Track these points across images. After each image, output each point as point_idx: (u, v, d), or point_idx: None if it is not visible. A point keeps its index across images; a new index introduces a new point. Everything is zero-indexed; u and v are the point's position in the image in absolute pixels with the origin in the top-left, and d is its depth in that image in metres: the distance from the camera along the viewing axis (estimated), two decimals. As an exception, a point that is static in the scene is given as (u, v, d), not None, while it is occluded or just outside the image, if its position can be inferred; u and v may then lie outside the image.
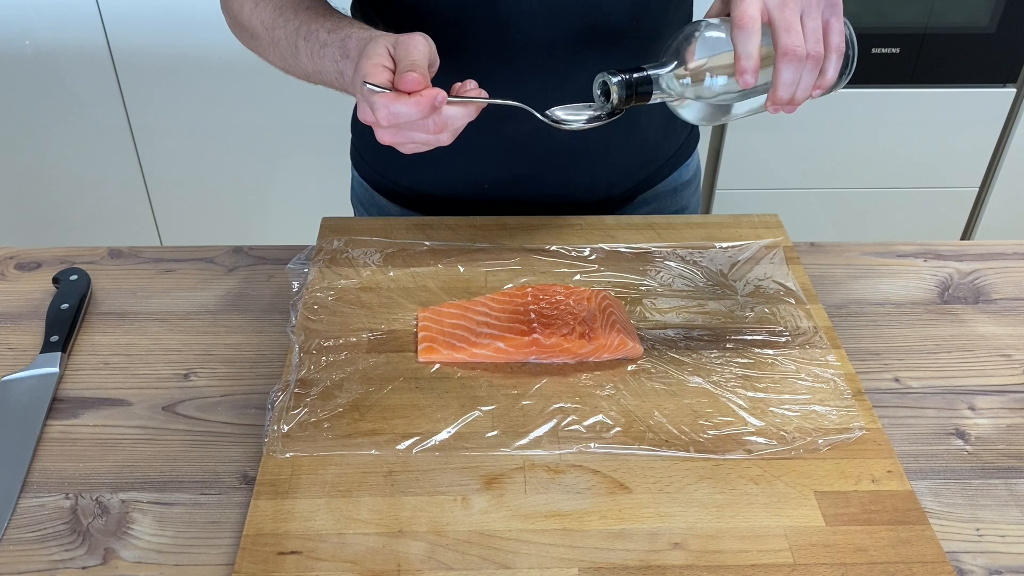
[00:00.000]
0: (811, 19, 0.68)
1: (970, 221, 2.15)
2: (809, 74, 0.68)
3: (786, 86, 0.67)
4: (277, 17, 0.84)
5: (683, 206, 1.10)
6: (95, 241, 1.23)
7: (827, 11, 0.69)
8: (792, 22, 0.66)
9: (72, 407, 0.76)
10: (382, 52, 0.69)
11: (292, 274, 0.89)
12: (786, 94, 0.67)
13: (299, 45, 0.82)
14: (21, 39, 1.84)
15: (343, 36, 0.77)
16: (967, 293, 0.90)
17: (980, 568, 0.64)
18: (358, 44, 0.75)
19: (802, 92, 0.68)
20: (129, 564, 0.64)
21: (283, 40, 0.84)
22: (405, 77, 0.66)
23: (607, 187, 1.02)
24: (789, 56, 0.65)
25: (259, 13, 0.86)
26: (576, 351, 0.78)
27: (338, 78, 0.79)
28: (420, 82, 0.66)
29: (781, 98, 0.67)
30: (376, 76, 0.67)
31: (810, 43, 0.67)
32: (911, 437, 0.75)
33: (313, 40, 0.80)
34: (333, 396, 0.75)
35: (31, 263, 0.92)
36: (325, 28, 0.80)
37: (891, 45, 1.87)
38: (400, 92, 0.66)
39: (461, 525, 0.65)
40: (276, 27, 0.84)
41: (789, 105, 0.68)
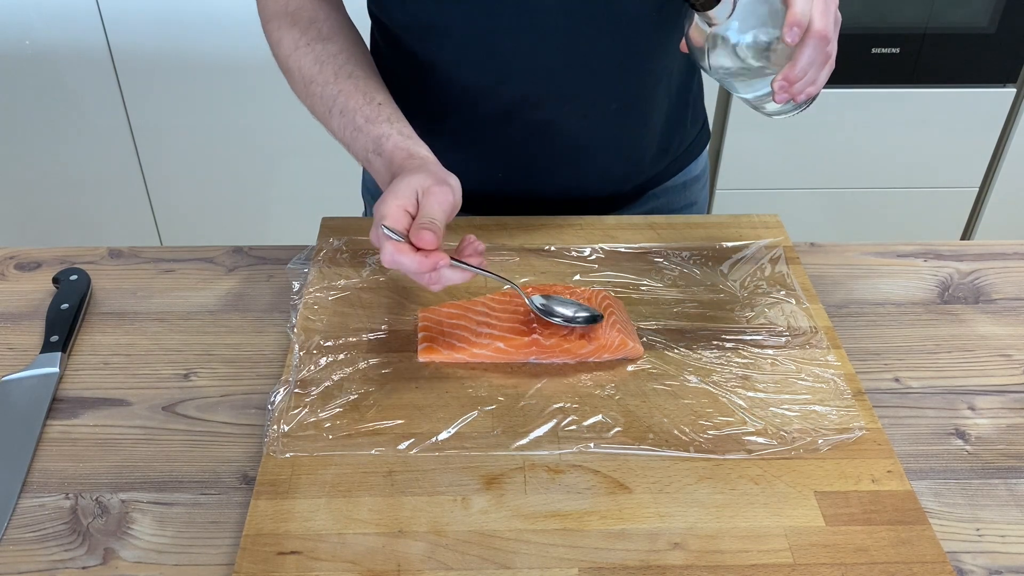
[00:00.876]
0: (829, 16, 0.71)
1: (970, 221, 2.15)
2: (816, 69, 0.71)
3: (803, 64, 0.70)
4: (317, 74, 0.85)
5: (692, 201, 1.11)
6: (95, 241, 1.23)
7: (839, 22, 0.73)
8: (825, 12, 0.70)
9: (72, 407, 0.76)
10: (410, 196, 0.72)
11: (292, 274, 0.89)
12: (801, 71, 0.70)
13: (333, 113, 0.84)
14: (21, 39, 1.84)
15: (380, 133, 0.80)
16: (967, 293, 0.90)
17: (980, 568, 0.64)
18: (393, 151, 0.78)
19: (804, 82, 0.71)
20: (129, 564, 0.64)
21: (318, 100, 0.85)
22: (421, 235, 0.69)
23: (620, 181, 1.02)
24: (819, 37, 0.69)
25: (298, 59, 0.87)
26: (576, 351, 0.78)
27: (365, 163, 0.82)
28: (433, 243, 0.69)
29: (796, 74, 0.70)
30: (397, 222, 0.70)
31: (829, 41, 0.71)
32: (911, 437, 0.75)
33: (348, 120, 0.82)
34: (333, 396, 0.75)
35: (31, 263, 0.92)
36: (363, 115, 0.82)
37: (891, 45, 1.87)
38: (410, 244, 0.69)
39: (461, 525, 0.65)
40: (314, 83, 0.85)
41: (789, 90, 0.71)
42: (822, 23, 0.69)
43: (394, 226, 0.69)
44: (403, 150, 0.78)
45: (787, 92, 0.71)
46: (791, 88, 0.71)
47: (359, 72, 0.85)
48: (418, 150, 0.79)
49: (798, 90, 0.71)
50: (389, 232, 0.69)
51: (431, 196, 0.72)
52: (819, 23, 0.69)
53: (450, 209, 0.72)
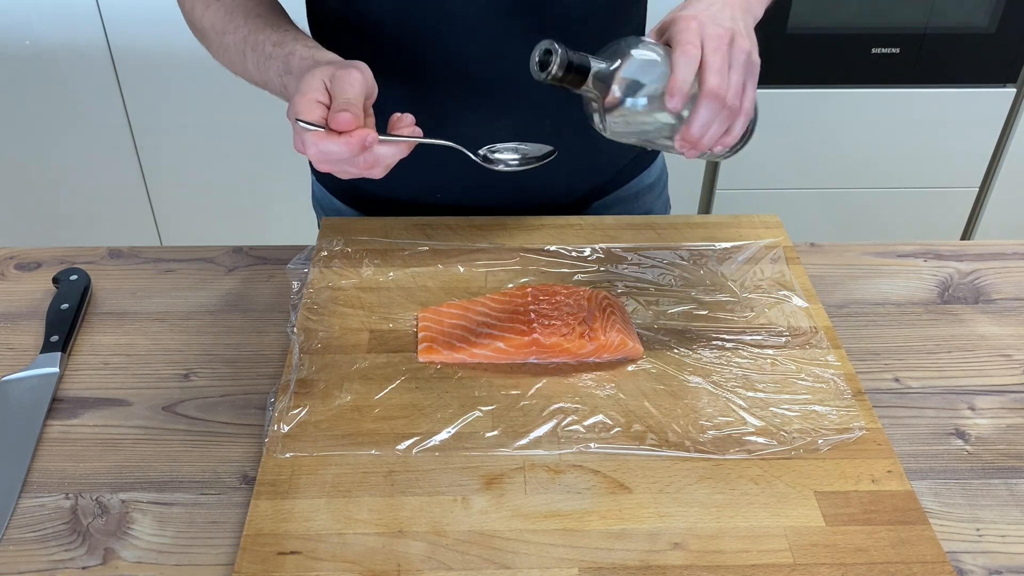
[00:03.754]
0: (735, 74, 0.69)
1: (970, 221, 2.15)
2: (720, 124, 0.69)
3: (700, 125, 0.68)
4: (228, 23, 0.85)
5: (646, 210, 1.09)
6: (95, 241, 1.23)
7: (747, 74, 0.71)
8: (722, 68, 0.68)
9: (72, 407, 0.76)
10: (318, 87, 0.69)
11: (292, 274, 0.89)
12: (697, 132, 0.69)
13: (247, 53, 0.83)
14: (21, 39, 1.84)
15: (287, 52, 0.78)
16: (967, 293, 0.90)
17: (980, 568, 0.64)
18: (300, 63, 0.76)
19: (709, 138, 0.70)
20: (129, 564, 0.64)
21: (232, 47, 0.85)
22: (337, 117, 0.66)
23: (564, 192, 1.01)
24: (712, 97, 0.68)
25: (209, 16, 0.87)
26: (576, 351, 0.78)
27: (282, 91, 0.80)
28: (352, 122, 0.66)
29: (692, 135, 0.69)
30: (309, 113, 0.67)
31: (730, 95, 0.69)
32: (911, 437, 0.75)
33: (259, 51, 0.81)
34: (333, 396, 0.75)
35: (31, 263, 0.92)
36: (271, 40, 0.81)
37: (891, 45, 1.87)
38: (331, 131, 0.67)
39: (461, 525, 0.65)
40: (226, 32, 0.85)
41: (694, 149, 0.70)
42: (715, 81, 0.67)
43: (309, 118, 0.67)
44: (309, 59, 0.76)
45: (693, 149, 0.70)
46: (697, 146, 0.70)
47: (267, 12, 0.84)
48: (323, 55, 0.76)
49: (705, 146, 0.70)
50: (306, 125, 0.66)
51: (339, 80, 0.69)
52: (711, 82, 0.67)
53: (363, 88, 0.70)
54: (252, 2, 0.86)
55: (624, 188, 1.06)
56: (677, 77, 0.66)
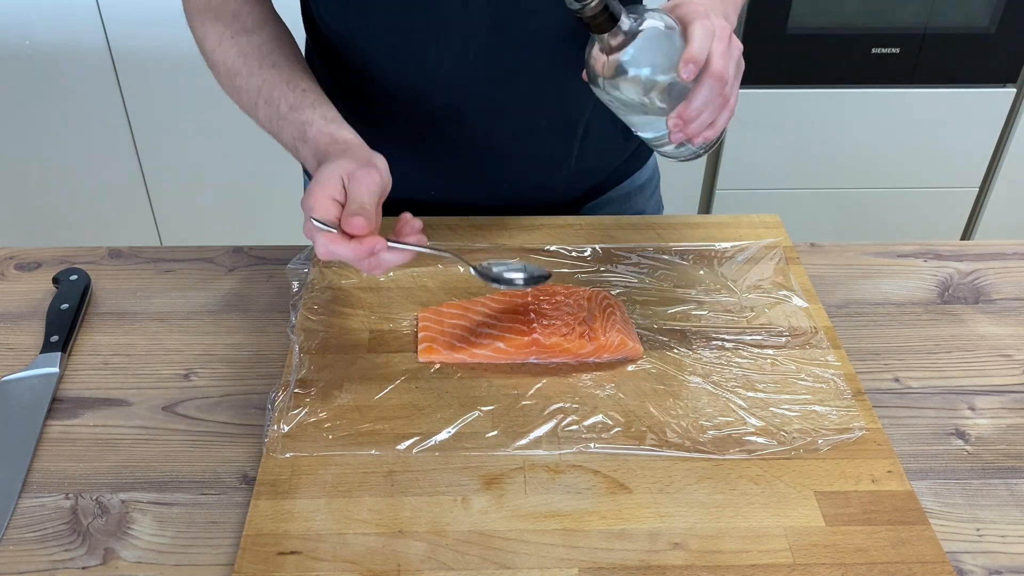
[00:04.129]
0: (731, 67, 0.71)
1: (970, 221, 2.15)
2: (712, 111, 0.71)
3: (698, 103, 0.70)
4: (241, 65, 0.84)
5: (638, 211, 1.09)
6: (95, 241, 1.23)
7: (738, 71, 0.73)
8: (725, 55, 0.70)
9: (72, 407, 0.76)
10: (335, 185, 0.70)
11: (292, 274, 0.89)
12: (694, 112, 0.70)
13: (259, 104, 0.83)
14: (21, 39, 1.84)
15: (303, 120, 0.79)
16: (967, 293, 0.90)
17: (980, 568, 0.64)
18: (317, 137, 0.77)
19: (699, 123, 0.71)
20: (129, 564, 0.64)
21: (244, 92, 0.84)
22: (351, 222, 0.67)
23: (561, 192, 1.01)
24: (715, 77, 0.69)
25: (221, 54, 0.86)
26: (576, 351, 0.78)
27: (294, 152, 0.81)
28: (364, 228, 0.67)
29: (689, 112, 0.70)
30: (324, 212, 0.68)
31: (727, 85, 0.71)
32: (911, 437, 0.75)
33: (272, 108, 0.81)
34: (333, 396, 0.75)
35: (31, 263, 0.92)
36: (287, 101, 0.80)
37: (891, 45, 1.87)
38: (343, 233, 0.68)
39: (461, 525, 0.65)
40: (239, 76, 0.84)
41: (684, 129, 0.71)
42: (720, 64, 0.69)
43: (323, 217, 0.68)
44: (327, 135, 0.77)
45: (682, 132, 0.71)
46: (686, 128, 0.70)
47: (283, 62, 0.84)
48: (341, 133, 0.77)
49: (693, 131, 0.71)
50: (319, 224, 0.67)
51: (357, 181, 0.70)
52: (717, 64, 0.69)
53: (378, 190, 0.71)
54: (267, 48, 0.85)
55: (616, 188, 1.06)
56: (693, 47, 0.68)
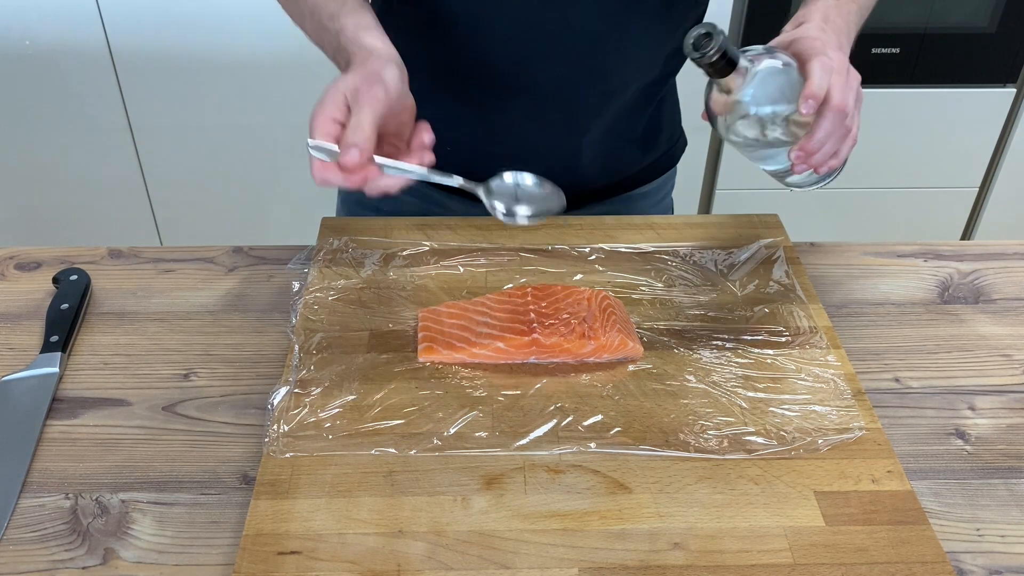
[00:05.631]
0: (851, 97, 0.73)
1: (970, 221, 2.15)
2: (835, 142, 0.72)
3: (821, 136, 0.71)
4: None
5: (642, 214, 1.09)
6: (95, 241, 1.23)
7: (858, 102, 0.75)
8: (845, 88, 0.71)
9: (72, 407, 0.76)
10: (338, 102, 0.69)
11: (292, 274, 0.89)
12: (817, 144, 0.71)
13: (305, 16, 0.83)
14: (21, 39, 1.84)
15: (338, 29, 0.78)
16: (967, 293, 0.90)
17: (980, 568, 0.64)
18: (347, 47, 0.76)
19: (823, 154, 0.72)
20: (129, 564, 0.64)
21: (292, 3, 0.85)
22: (345, 156, 0.66)
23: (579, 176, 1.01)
24: (837, 109, 0.71)
25: None
26: (576, 351, 0.78)
27: (337, 64, 0.80)
28: (355, 164, 0.66)
29: (812, 145, 0.71)
30: (324, 133, 0.67)
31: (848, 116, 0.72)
32: (911, 437, 0.75)
33: (316, 20, 0.81)
34: (333, 396, 0.75)
35: (31, 263, 0.92)
36: (327, 11, 0.80)
37: (891, 45, 1.87)
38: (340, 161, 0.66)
39: (461, 525, 0.65)
40: None
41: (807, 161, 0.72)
42: (840, 97, 0.70)
43: (323, 139, 0.66)
44: (355, 42, 0.75)
45: (805, 163, 0.72)
46: (809, 160, 0.72)
47: None
48: (368, 40, 0.75)
49: (817, 162, 0.72)
50: (314, 152, 0.66)
51: (360, 98, 0.68)
52: (837, 97, 0.70)
53: (382, 108, 0.69)
54: None
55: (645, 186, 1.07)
56: (813, 82, 0.70)
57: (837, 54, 0.73)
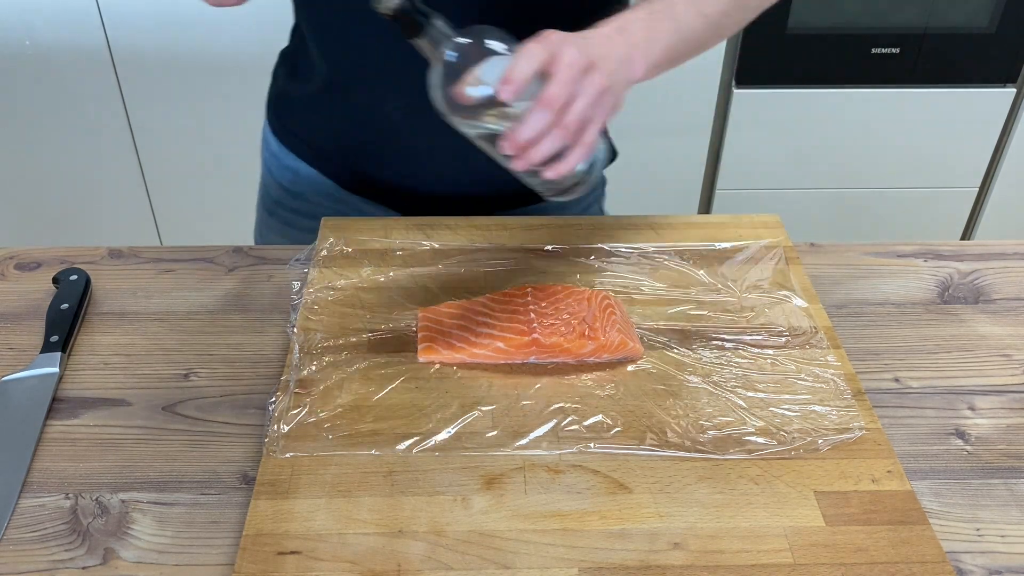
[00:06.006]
0: (581, 102, 0.68)
1: (970, 221, 2.15)
2: (553, 141, 0.67)
3: (528, 129, 0.66)
4: None
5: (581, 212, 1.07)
6: (95, 241, 1.23)
7: (596, 108, 0.69)
8: (565, 85, 0.67)
9: (72, 407, 0.76)
10: None
11: (292, 274, 0.89)
12: (522, 137, 0.67)
13: None
14: (21, 39, 1.84)
15: None
16: (967, 293, 0.90)
17: (980, 568, 0.64)
18: None
19: (539, 153, 0.68)
20: (129, 564, 0.64)
21: None
22: None
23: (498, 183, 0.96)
24: (546, 104, 0.66)
25: None
26: (576, 351, 0.78)
27: None
28: None
29: (516, 138, 0.67)
30: None
31: (570, 117, 0.67)
32: (911, 437, 0.75)
33: None
34: (333, 396, 0.75)
35: (31, 263, 0.92)
36: None
37: (891, 45, 1.87)
38: None
39: (461, 525, 0.65)
40: None
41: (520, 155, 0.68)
42: (555, 91, 0.66)
43: None
44: None
45: (517, 155, 0.68)
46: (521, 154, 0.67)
47: None
48: None
49: (534, 160, 0.68)
50: None
51: None
52: (550, 91, 0.66)
53: None
54: None
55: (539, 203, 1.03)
56: (513, 67, 0.66)
57: (573, 52, 0.67)
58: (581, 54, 0.68)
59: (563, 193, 0.76)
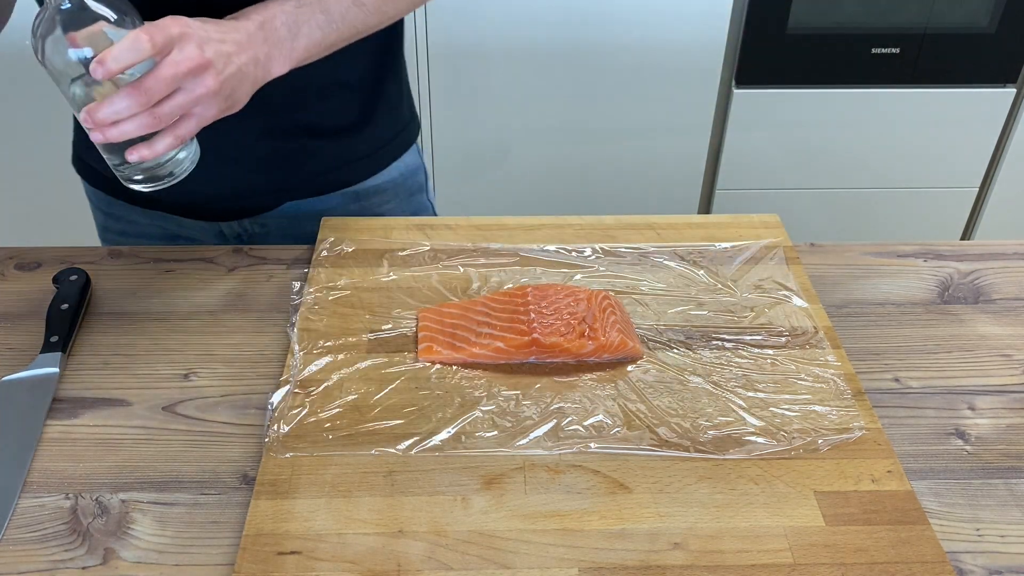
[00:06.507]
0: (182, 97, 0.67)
1: (970, 221, 2.15)
2: (137, 124, 0.66)
3: (109, 111, 0.65)
4: None
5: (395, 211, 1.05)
6: (95, 241, 1.24)
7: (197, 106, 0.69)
8: (164, 79, 0.66)
9: (72, 407, 0.76)
10: None
11: (292, 274, 0.89)
12: (103, 115, 0.66)
13: None
14: (21, 39, 1.84)
15: None
16: (967, 293, 0.90)
17: (980, 568, 0.64)
18: None
19: (118, 132, 0.66)
20: (129, 564, 0.64)
21: None
22: None
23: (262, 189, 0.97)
24: (133, 92, 0.65)
25: None
26: (576, 351, 0.78)
27: None
28: None
29: (97, 113, 0.65)
30: None
31: (164, 108, 0.67)
32: (911, 437, 0.75)
33: None
34: (333, 396, 0.75)
35: (31, 263, 0.92)
36: None
37: (891, 45, 1.87)
38: None
39: (461, 525, 0.65)
40: None
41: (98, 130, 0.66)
42: (152, 84, 0.65)
43: None
44: None
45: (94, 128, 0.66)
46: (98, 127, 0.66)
47: None
48: None
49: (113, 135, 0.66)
50: None
51: None
52: (149, 82, 0.65)
53: None
54: None
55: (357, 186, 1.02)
56: (110, 50, 0.64)
57: (192, 50, 0.66)
58: (200, 52, 0.67)
59: (147, 181, 0.73)
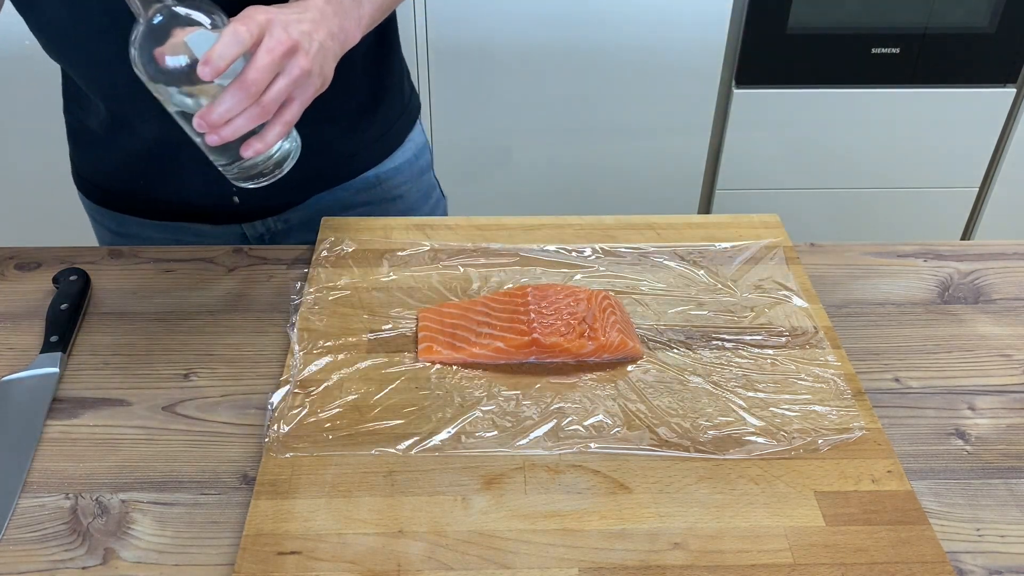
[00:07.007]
0: (283, 81, 0.68)
1: (970, 221, 2.15)
2: (248, 119, 0.68)
3: (222, 110, 0.67)
4: None
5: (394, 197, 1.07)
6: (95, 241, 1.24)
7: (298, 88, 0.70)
8: (266, 67, 0.67)
9: (72, 407, 0.76)
10: None
11: (292, 274, 0.89)
12: (216, 116, 0.67)
13: None
14: (21, 39, 1.84)
15: None
16: (967, 293, 0.90)
17: (980, 568, 0.64)
18: None
19: (233, 130, 0.68)
20: (129, 564, 0.64)
21: None
22: None
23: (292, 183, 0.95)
24: (241, 86, 0.66)
25: None
26: (576, 351, 0.78)
27: None
28: None
29: (210, 116, 0.67)
30: None
31: (268, 96, 0.68)
32: (911, 437, 0.75)
33: None
34: (333, 396, 0.75)
35: (31, 263, 0.92)
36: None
37: (891, 45, 1.87)
38: None
39: (461, 525, 0.65)
40: None
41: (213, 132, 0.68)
42: (254, 75, 0.66)
43: None
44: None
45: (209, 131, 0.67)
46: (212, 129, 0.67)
47: None
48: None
49: (226, 136, 0.67)
50: None
51: None
52: (251, 74, 0.66)
53: None
54: None
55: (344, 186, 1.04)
56: (215, 48, 0.65)
57: (280, 33, 0.68)
58: (287, 35, 0.68)
59: (256, 177, 0.74)
